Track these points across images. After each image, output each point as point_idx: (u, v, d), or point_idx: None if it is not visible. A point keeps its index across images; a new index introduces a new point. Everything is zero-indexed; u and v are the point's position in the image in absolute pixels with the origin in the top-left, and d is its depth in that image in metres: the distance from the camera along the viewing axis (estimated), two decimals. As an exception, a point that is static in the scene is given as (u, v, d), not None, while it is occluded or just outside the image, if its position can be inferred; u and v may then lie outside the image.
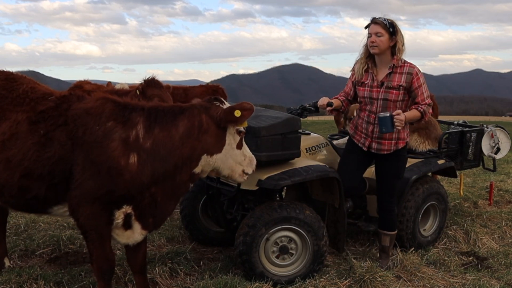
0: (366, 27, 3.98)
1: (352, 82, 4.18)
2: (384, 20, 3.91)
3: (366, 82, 4.07)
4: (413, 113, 3.94)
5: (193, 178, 3.18)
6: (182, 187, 3.16)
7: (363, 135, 4.13)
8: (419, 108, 3.93)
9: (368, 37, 3.96)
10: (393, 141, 4.03)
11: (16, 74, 3.38)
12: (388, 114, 3.82)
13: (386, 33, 3.88)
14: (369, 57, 4.05)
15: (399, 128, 3.84)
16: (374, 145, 4.08)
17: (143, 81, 5.49)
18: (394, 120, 3.80)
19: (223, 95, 7.73)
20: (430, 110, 4.03)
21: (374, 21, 3.94)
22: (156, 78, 5.48)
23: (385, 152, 4.06)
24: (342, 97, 4.24)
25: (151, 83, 5.37)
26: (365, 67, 4.06)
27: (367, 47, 4.00)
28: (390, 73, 3.96)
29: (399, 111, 3.85)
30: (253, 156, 3.33)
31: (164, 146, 3.00)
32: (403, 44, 3.94)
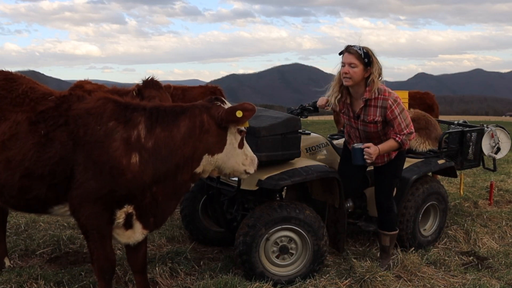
0: (340, 54, 3.79)
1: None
2: (359, 49, 3.68)
3: (343, 111, 3.97)
4: (389, 144, 3.79)
5: (194, 178, 3.18)
6: (183, 186, 3.17)
7: None
8: (397, 138, 3.77)
9: (342, 66, 3.75)
10: (385, 154, 3.95)
11: (15, 74, 3.37)
12: (360, 146, 3.75)
13: (360, 64, 3.67)
14: (343, 86, 3.84)
15: (369, 162, 3.75)
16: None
17: (141, 82, 5.41)
18: (364, 153, 3.72)
19: (221, 96, 7.69)
20: (412, 136, 3.84)
21: (348, 49, 3.72)
22: (155, 78, 5.38)
23: (380, 165, 4.04)
24: None
25: (148, 84, 5.27)
26: (338, 97, 3.88)
27: (340, 75, 3.79)
28: (365, 106, 3.80)
29: (369, 144, 3.75)
30: (255, 156, 3.32)
31: (165, 146, 3.00)
32: (379, 75, 3.73)
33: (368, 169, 4.31)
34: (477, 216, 5.81)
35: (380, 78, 3.76)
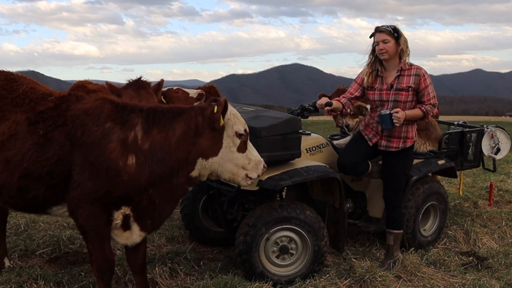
0: (371, 36, 4.17)
1: (359, 85, 4.30)
2: (388, 27, 4.10)
3: (376, 86, 4.21)
4: (415, 112, 4.10)
5: (191, 181, 3.15)
6: (180, 189, 3.15)
7: (373, 132, 4.27)
8: (423, 107, 4.10)
9: (375, 45, 4.13)
10: (401, 140, 4.17)
11: (16, 75, 3.38)
12: (388, 112, 4.00)
13: (392, 38, 4.07)
14: (377, 62, 4.21)
15: (397, 125, 4.00)
16: (383, 142, 4.21)
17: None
18: (393, 117, 3.97)
19: (216, 95, 7.58)
20: (435, 110, 4.20)
21: (378, 29, 4.12)
22: (143, 79, 5.03)
23: (393, 150, 4.19)
24: (344, 99, 4.27)
25: (130, 85, 4.99)
26: (375, 73, 4.20)
27: (372, 55, 4.20)
28: (398, 76, 4.12)
29: (398, 109, 4.02)
30: (261, 160, 3.22)
31: (161, 148, 2.99)
32: (407, 46, 4.13)
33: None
34: (477, 216, 5.81)
35: (408, 50, 4.14)
